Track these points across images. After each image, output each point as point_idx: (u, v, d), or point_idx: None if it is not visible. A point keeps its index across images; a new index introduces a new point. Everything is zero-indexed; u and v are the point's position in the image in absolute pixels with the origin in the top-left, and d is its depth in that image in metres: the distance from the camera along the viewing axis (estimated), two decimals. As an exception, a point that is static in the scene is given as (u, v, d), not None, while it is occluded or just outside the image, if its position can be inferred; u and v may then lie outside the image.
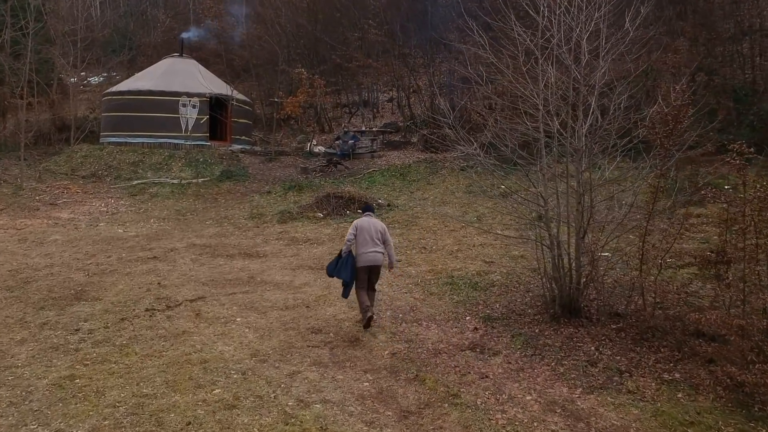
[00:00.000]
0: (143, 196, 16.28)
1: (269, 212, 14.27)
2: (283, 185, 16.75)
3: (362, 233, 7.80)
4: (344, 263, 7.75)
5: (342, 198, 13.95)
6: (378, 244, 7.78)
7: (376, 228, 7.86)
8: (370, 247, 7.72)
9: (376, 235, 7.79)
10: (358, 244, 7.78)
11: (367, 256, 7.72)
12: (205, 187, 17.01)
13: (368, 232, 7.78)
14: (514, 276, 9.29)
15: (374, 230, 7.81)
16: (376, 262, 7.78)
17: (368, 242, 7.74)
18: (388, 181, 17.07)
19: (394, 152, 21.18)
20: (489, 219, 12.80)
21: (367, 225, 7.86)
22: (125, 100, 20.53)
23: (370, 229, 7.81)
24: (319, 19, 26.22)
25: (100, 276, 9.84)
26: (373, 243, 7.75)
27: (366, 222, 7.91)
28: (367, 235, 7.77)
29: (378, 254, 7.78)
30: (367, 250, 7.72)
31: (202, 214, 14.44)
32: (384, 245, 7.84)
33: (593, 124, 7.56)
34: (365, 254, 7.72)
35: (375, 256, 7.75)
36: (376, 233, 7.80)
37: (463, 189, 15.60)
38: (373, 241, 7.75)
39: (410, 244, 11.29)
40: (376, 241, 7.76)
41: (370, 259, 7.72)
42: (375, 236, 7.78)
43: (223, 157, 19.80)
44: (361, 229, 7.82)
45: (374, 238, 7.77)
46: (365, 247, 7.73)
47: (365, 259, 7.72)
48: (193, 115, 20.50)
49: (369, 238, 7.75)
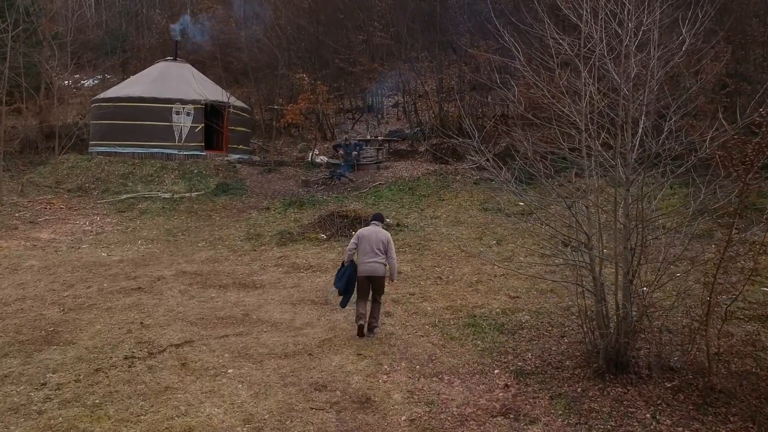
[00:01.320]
0: (132, 213, 15.36)
1: (267, 232, 13.34)
2: (283, 201, 15.84)
3: (363, 242, 7.86)
4: (343, 273, 7.93)
5: (347, 217, 13.02)
6: (378, 254, 7.79)
7: (378, 237, 7.86)
8: (370, 257, 7.77)
9: (377, 245, 7.80)
10: (359, 253, 7.86)
11: (367, 266, 7.77)
12: (199, 202, 16.09)
13: (369, 241, 7.83)
14: (544, 316, 8.34)
15: (375, 240, 7.83)
16: (376, 272, 7.79)
17: (368, 252, 7.79)
18: (396, 196, 16.14)
19: (400, 162, 20.27)
20: (510, 242, 11.87)
21: (369, 234, 7.91)
22: (115, 108, 19.65)
23: (371, 238, 7.85)
24: (321, 20, 25.35)
25: (77, 312, 8.91)
26: (374, 253, 7.78)
27: (369, 231, 7.97)
28: (367, 245, 7.82)
29: (377, 264, 7.78)
30: (367, 260, 7.78)
31: (195, 234, 13.51)
32: (386, 256, 7.83)
33: (644, 147, 6.61)
34: (365, 264, 7.78)
35: (374, 267, 7.77)
36: (377, 243, 7.81)
37: (477, 206, 14.67)
38: (373, 251, 7.79)
39: (424, 273, 10.34)
40: (376, 251, 7.79)
41: (368, 269, 7.77)
42: (376, 246, 7.80)
43: (219, 169, 18.89)
44: (363, 238, 7.90)
45: (375, 248, 7.79)
46: (365, 256, 7.79)
47: (364, 269, 7.78)
48: (188, 124, 19.60)
49: (369, 248, 7.79)
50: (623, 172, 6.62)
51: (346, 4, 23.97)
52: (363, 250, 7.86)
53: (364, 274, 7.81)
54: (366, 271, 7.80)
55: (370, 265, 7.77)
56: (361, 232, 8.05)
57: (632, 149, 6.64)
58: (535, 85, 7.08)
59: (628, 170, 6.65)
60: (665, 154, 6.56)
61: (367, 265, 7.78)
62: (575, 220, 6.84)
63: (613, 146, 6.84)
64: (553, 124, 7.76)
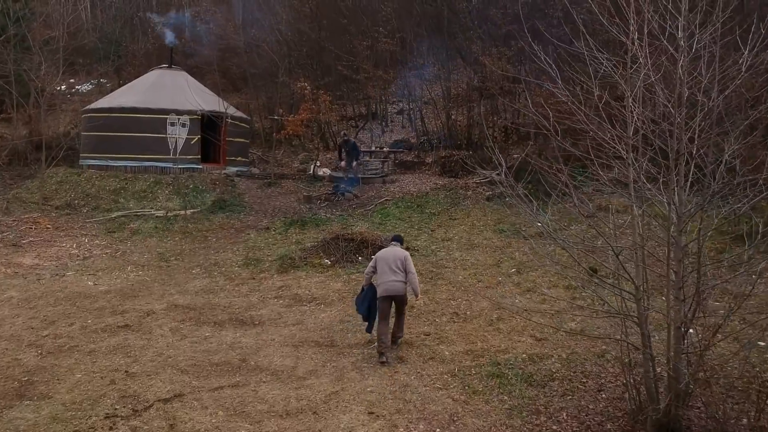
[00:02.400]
0: (122, 233, 14.61)
1: (267, 257, 12.58)
2: (284, 220, 15.08)
3: (381, 263, 8.02)
4: (364, 297, 8.12)
5: (352, 241, 12.25)
6: (397, 272, 7.89)
7: (396, 256, 8.03)
8: (389, 277, 7.88)
9: (395, 263, 7.93)
10: (378, 274, 7.99)
11: (386, 286, 7.88)
12: (195, 221, 15.33)
13: (387, 261, 7.97)
14: (576, 363, 7.56)
15: (393, 258, 7.99)
16: (396, 291, 7.89)
17: (387, 272, 7.91)
18: (404, 214, 15.36)
19: (407, 175, 19.49)
20: (530, 269, 11.09)
21: (387, 255, 8.10)
22: (106, 119, 18.93)
23: (389, 258, 8.01)
24: (323, 25, 24.62)
25: (56, 356, 8.17)
26: (392, 272, 7.89)
27: (387, 252, 8.19)
28: (385, 265, 7.96)
29: (397, 283, 7.89)
30: (386, 280, 7.88)
31: (189, 259, 12.75)
32: (405, 274, 7.93)
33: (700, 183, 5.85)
34: (384, 284, 7.90)
35: (394, 286, 7.87)
36: (395, 262, 7.95)
37: (492, 226, 13.90)
38: (392, 270, 7.90)
39: (438, 307, 9.57)
40: (395, 270, 7.90)
41: (388, 288, 7.87)
42: (394, 265, 7.92)
43: (216, 183, 18.15)
44: (381, 259, 8.07)
45: (393, 267, 7.91)
46: (384, 276, 7.91)
47: (384, 289, 7.89)
48: (183, 135, 18.87)
49: (388, 268, 7.92)
50: (675, 211, 5.84)
51: (349, 9, 23.26)
52: (381, 270, 7.98)
53: (384, 293, 7.90)
54: (386, 290, 7.89)
55: (390, 284, 7.87)
56: (379, 254, 8.22)
57: (685, 185, 5.88)
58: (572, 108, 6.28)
59: (681, 208, 5.87)
60: (723, 190, 5.80)
61: (386, 284, 7.89)
62: (622, 268, 6.02)
63: (663, 181, 6.06)
64: (591, 154, 7.01)
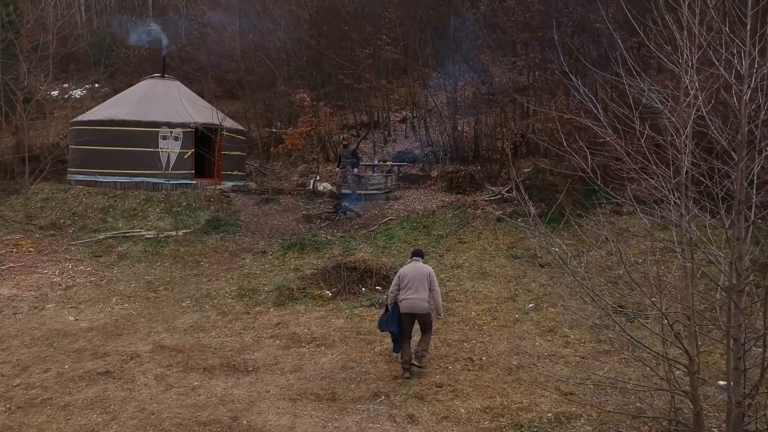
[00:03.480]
0: (109, 258, 13.87)
1: (263, 286, 11.84)
2: (282, 242, 14.32)
3: (405, 280, 8.05)
4: (390, 315, 8.09)
5: (355, 269, 11.51)
6: (421, 289, 7.94)
7: (420, 272, 8.08)
8: (412, 293, 7.93)
9: (419, 280, 7.98)
10: (401, 290, 8.03)
11: (409, 303, 7.94)
12: (186, 242, 14.58)
13: (411, 278, 8.02)
14: (610, 425, 6.79)
15: (417, 275, 8.03)
16: (419, 309, 7.96)
17: (410, 288, 7.96)
18: (410, 236, 14.62)
19: (412, 191, 18.76)
20: (549, 304, 10.34)
21: (410, 271, 8.13)
22: (95, 132, 18.21)
23: (412, 274, 8.06)
24: (323, 31, 23.92)
25: (26, 412, 7.43)
26: (416, 289, 7.94)
27: (410, 268, 8.20)
28: (409, 282, 8.00)
29: (420, 301, 7.94)
30: (409, 296, 7.94)
31: (179, 289, 12.01)
32: (429, 291, 8.00)
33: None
34: (407, 300, 7.95)
35: (416, 303, 7.93)
36: (419, 278, 8.00)
37: (505, 251, 13.15)
38: (415, 286, 7.95)
39: (451, 351, 8.82)
40: (419, 287, 7.94)
41: (409, 305, 7.93)
42: (419, 281, 7.98)
43: (211, 200, 17.41)
44: (404, 276, 8.10)
45: (417, 284, 7.96)
46: (407, 292, 7.97)
47: (406, 305, 7.95)
48: (176, 150, 18.14)
49: (412, 284, 7.98)
50: (735, 272, 5.09)
51: (350, 15, 22.56)
52: (404, 287, 8.02)
53: (406, 310, 7.97)
54: (407, 307, 7.96)
55: (412, 301, 7.93)
56: (402, 270, 8.27)
57: (746, 238, 5.14)
58: (613, 145, 5.55)
59: (741, 265, 5.13)
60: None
61: (409, 300, 7.94)
62: (673, 334, 5.27)
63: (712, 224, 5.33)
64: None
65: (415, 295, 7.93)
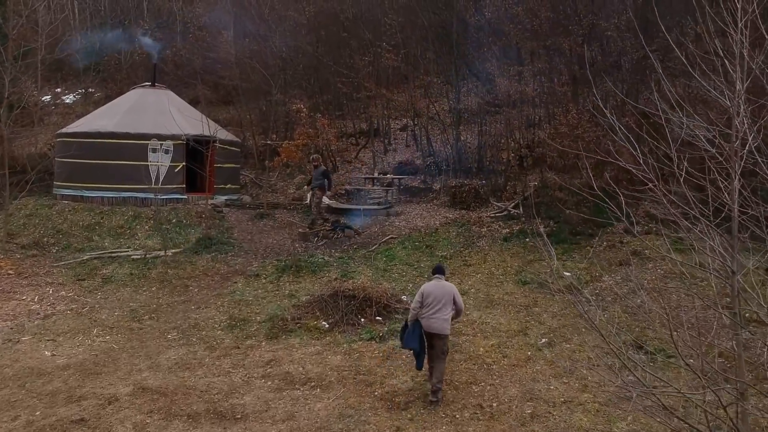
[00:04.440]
0: (93, 281, 13.22)
1: (256, 315, 11.18)
2: (277, 264, 13.67)
3: (429, 298, 7.94)
4: (411, 332, 8.01)
5: (354, 298, 10.83)
6: (444, 310, 7.89)
7: (445, 291, 8.02)
8: (434, 313, 7.86)
9: (445, 299, 7.92)
10: (423, 307, 7.94)
11: (429, 322, 7.87)
12: (175, 264, 13.92)
13: (435, 296, 7.93)
14: (638, 493, 6.13)
15: (442, 294, 7.96)
16: (439, 330, 7.89)
17: (433, 307, 7.87)
18: (412, 257, 13.97)
19: (413, 205, 18.12)
20: (563, 338, 9.67)
21: (435, 289, 8.03)
22: (81, 144, 17.57)
23: (437, 293, 7.97)
24: (321, 37, 23.27)
25: (-12, 471, 6.75)
26: (439, 309, 7.87)
27: (434, 286, 8.09)
28: (434, 300, 7.91)
29: (442, 321, 7.88)
30: (431, 315, 7.87)
31: (166, 318, 11.34)
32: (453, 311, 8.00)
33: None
34: (429, 318, 7.88)
35: (440, 324, 7.87)
36: (445, 297, 7.93)
37: (513, 275, 12.49)
38: (440, 305, 7.88)
39: (458, 395, 8.16)
40: (442, 308, 7.88)
41: (431, 325, 7.87)
42: (444, 300, 7.91)
43: (202, 216, 16.76)
44: (428, 294, 7.98)
45: (442, 303, 7.89)
46: (430, 310, 7.89)
47: (427, 324, 7.89)
48: (166, 163, 17.48)
49: (436, 303, 7.89)
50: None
51: (350, 20, 21.93)
52: (428, 304, 7.92)
53: (429, 330, 7.91)
54: (430, 326, 7.89)
55: (434, 320, 7.86)
56: (425, 288, 8.13)
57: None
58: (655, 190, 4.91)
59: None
60: None
61: (431, 320, 7.87)
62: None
63: None
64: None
65: (438, 314, 7.87)
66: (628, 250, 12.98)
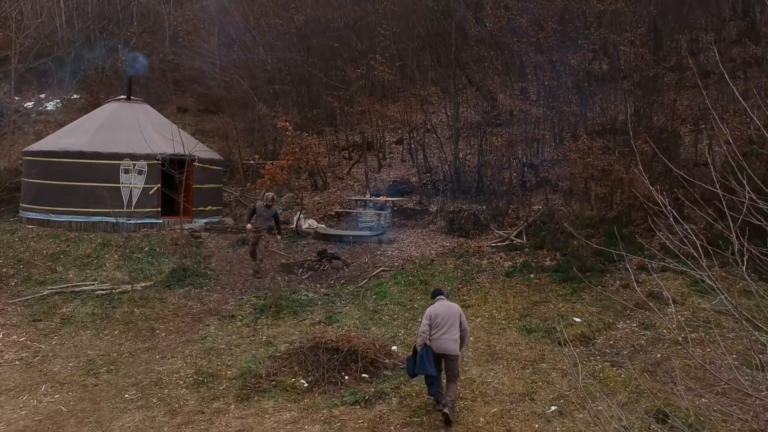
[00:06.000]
0: (50, 323, 12.10)
1: (227, 370, 10.07)
2: (255, 303, 12.58)
3: (437, 319, 8.11)
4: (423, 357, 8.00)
5: (337, 351, 9.74)
6: (453, 330, 8.08)
7: (452, 312, 8.24)
8: (443, 334, 8.03)
9: (452, 320, 8.12)
10: (432, 329, 8.09)
11: (440, 343, 8.02)
12: (144, 301, 12.82)
13: (443, 317, 8.11)
14: None
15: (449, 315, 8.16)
16: (451, 351, 8.06)
17: (442, 328, 8.05)
18: (405, 294, 12.89)
19: (407, 230, 17.09)
20: (576, 410, 8.57)
21: (442, 311, 8.22)
22: (48, 164, 16.47)
23: (445, 314, 8.16)
24: (312, 46, 22.21)
25: None
26: (448, 329, 8.04)
27: (440, 307, 8.30)
28: (442, 321, 8.09)
29: (452, 342, 8.05)
30: (440, 336, 8.03)
31: (126, 370, 10.23)
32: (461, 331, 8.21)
33: None
34: (438, 340, 8.03)
35: (449, 344, 8.03)
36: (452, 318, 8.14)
37: (516, 321, 11.39)
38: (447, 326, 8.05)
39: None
40: (450, 328, 8.06)
41: (441, 345, 8.02)
42: (451, 321, 8.10)
43: (178, 244, 15.62)
44: (436, 315, 8.16)
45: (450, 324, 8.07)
46: (439, 331, 8.05)
47: (437, 345, 8.03)
48: (139, 184, 16.39)
49: (444, 324, 8.07)
50: None
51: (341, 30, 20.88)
52: (437, 325, 8.09)
53: (439, 351, 8.07)
54: (440, 348, 8.05)
55: (446, 342, 8.03)
56: (432, 309, 8.31)
57: None
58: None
59: None
60: None
61: (441, 341, 8.03)
62: None
63: None
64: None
65: (448, 335, 8.04)
66: (644, 291, 11.91)
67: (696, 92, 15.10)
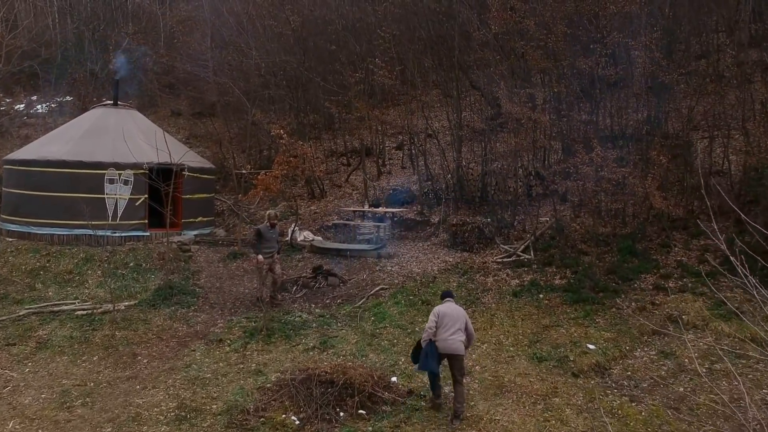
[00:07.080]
0: (25, 347, 11.41)
1: (212, 403, 9.36)
2: (245, 326, 11.87)
3: (444, 319, 8.38)
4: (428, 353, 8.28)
5: (332, 385, 9.04)
6: (460, 332, 8.35)
7: (459, 313, 8.56)
8: (450, 334, 8.28)
9: (459, 321, 8.40)
10: (439, 328, 8.33)
11: (447, 343, 8.29)
12: (126, 323, 12.14)
13: (451, 318, 8.38)
14: None
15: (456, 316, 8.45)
16: (457, 350, 8.32)
17: (449, 328, 8.31)
18: (406, 316, 12.19)
19: (408, 243, 16.40)
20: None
21: (449, 311, 8.50)
22: (28, 174, 15.77)
23: (452, 315, 8.45)
24: (308, 49, 21.53)
25: None
26: (455, 330, 8.31)
27: (448, 308, 8.57)
28: (449, 321, 8.36)
29: (458, 343, 8.32)
30: (448, 336, 8.28)
31: (102, 403, 9.53)
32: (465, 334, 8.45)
33: None
34: (444, 340, 8.29)
35: (457, 345, 8.31)
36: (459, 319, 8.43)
37: (526, 348, 10.69)
38: (455, 328, 8.32)
39: None
40: (458, 329, 8.33)
41: (449, 346, 8.28)
42: (458, 323, 8.38)
43: (165, 258, 14.92)
44: (443, 315, 8.44)
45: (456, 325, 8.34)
46: (446, 332, 8.31)
47: (444, 346, 8.30)
48: (125, 195, 15.73)
49: (451, 325, 8.34)
50: None
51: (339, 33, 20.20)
52: (443, 325, 8.32)
53: (444, 351, 8.31)
54: (447, 348, 8.29)
55: (453, 342, 8.28)
56: (439, 309, 8.57)
57: None
58: None
59: None
60: None
61: (447, 342, 8.27)
62: None
63: None
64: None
65: (455, 335, 8.27)
66: (663, 314, 11.22)
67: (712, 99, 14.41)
